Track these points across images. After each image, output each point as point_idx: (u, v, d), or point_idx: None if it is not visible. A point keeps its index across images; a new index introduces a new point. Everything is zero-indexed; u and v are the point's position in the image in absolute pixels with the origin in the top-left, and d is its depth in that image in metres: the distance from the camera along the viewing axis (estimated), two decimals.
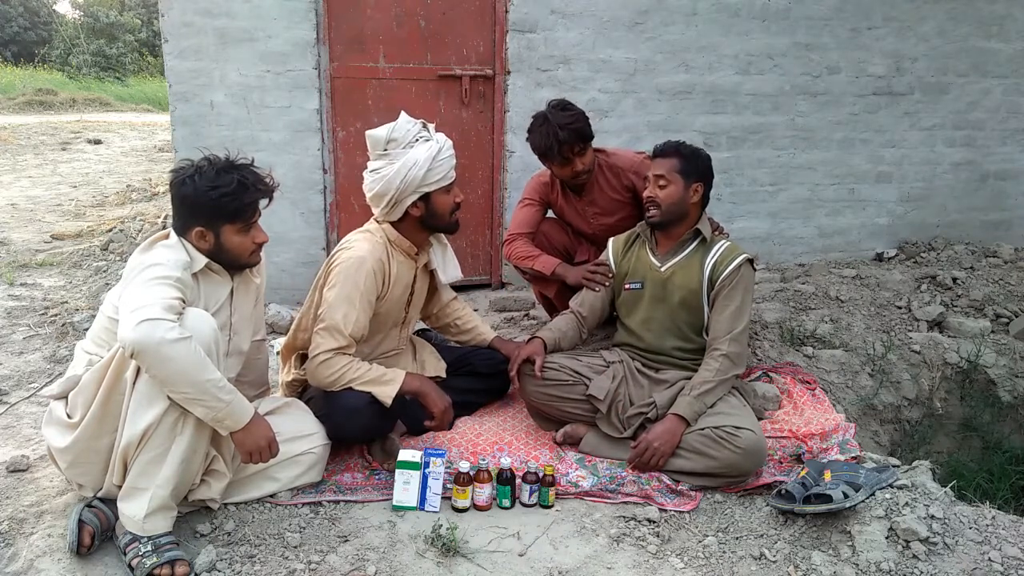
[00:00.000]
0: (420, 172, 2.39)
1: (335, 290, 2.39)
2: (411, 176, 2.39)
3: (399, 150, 2.41)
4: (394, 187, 2.40)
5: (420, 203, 2.46)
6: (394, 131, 2.43)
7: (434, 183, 2.43)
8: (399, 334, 2.70)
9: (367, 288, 2.40)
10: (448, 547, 2.06)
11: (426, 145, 2.42)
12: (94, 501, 2.03)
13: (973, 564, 1.93)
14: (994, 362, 3.77)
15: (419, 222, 2.51)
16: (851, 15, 4.45)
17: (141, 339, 1.79)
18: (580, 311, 2.82)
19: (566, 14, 4.03)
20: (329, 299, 2.40)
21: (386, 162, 2.43)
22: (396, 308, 2.59)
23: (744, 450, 2.32)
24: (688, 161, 2.63)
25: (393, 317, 2.62)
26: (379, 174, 2.43)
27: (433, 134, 2.48)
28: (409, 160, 2.39)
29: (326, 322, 2.38)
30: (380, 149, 2.45)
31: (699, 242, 2.69)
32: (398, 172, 2.39)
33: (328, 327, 2.37)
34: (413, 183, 2.40)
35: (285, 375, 2.67)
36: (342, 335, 2.36)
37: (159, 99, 15.61)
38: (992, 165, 4.97)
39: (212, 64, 3.67)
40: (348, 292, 2.38)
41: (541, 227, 3.20)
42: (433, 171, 2.41)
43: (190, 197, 2.07)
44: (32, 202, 6.68)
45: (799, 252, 4.81)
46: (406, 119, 2.47)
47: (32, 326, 3.73)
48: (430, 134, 2.48)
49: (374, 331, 2.54)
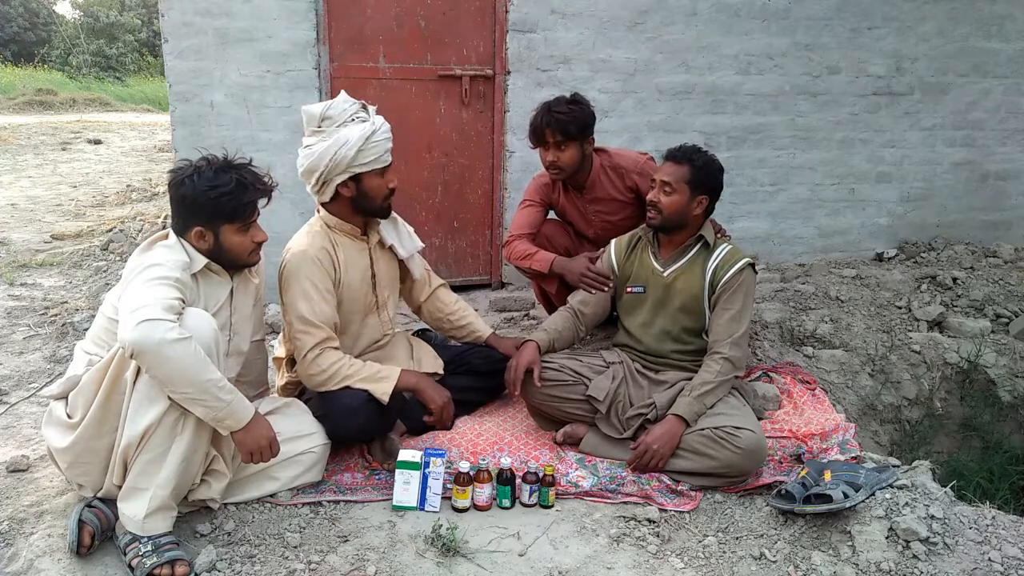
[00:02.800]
0: (351, 152, 2.35)
1: (289, 292, 2.40)
2: (341, 155, 2.35)
3: (333, 128, 2.38)
4: (323, 164, 2.37)
5: (351, 184, 2.42)
6: (330, 108, 2.39)
7: (366, 164, 2.39)
8: (378, 320, 2.67)
9: (317, 277, 2.40)
10: (448, 547, 2.06)
11: (361, 126, 2.38)
12: (94, 501, 2.03)
13: (973, 564, 1.93)
14: (994, 362, 3.77)
15: (351, 203, 2.48)
16: (851, 15, 4.44)
17: (141, 339, 1.79)
18: (578, 308, 2.81)
19: (566, 14, 4.03)
20: (287, 301, 2.41)
21: (319, 139, 2.39)
22: (361, 293, 2.56)
23: (744, 450, 2.32)
24: (698, 173, 2.61)
25: (362, 303, 2.58)
26: (310, 150, 2.40)
27: (372, 116, 2.44)
28: (341, 138, 2.35)
29: (294, 323, 2.39)
30: (314, 125, 2.41)
31: (702, 247, 2.69)
32: (328, 149, 2.35)
33: (299, 326, 2.38)
34: (343, 162, 2.36)
35: (279, 379, 2.69)
36: (315, 326, 2.37)
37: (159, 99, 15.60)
38: (992, 165, 4.97)
39: (212, 64, 3.67)
40: (301, 287, 2.38)
41: (542, 229, 3.20)
42: (365, 152, 2.37)
43: (189, 197, 2.07)
44: (32, 202, 6.68)
45: (799, 252, 4.80)
46: (344, 98, 2.44)
47: (32, 326, 3.73)
48: (368, 115, 2.44)
49: (347, 321, 2.54)
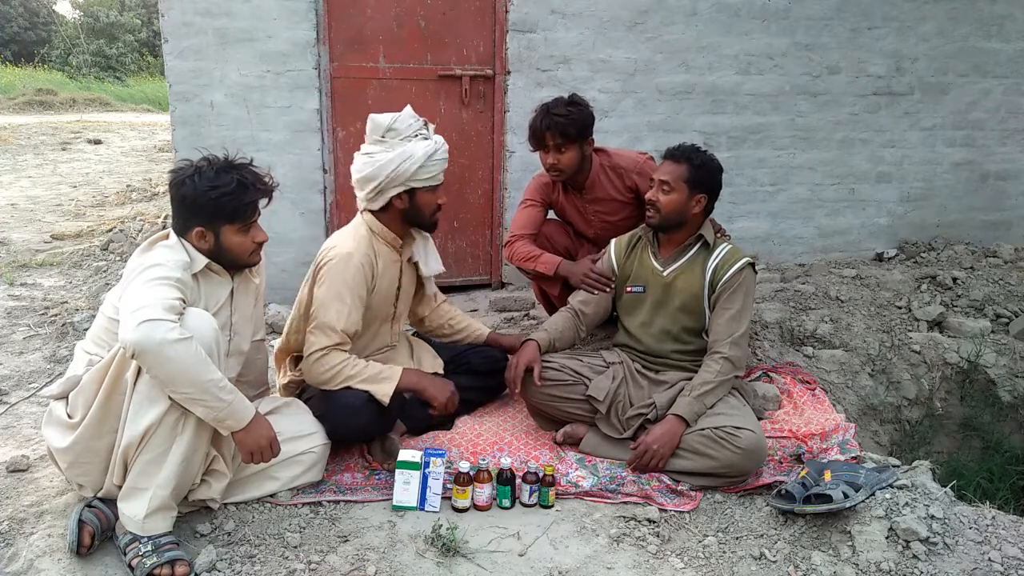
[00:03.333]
0: (413, 167, 2.42)
1: (324, 288, 2.41)
2: (403, 168, 2.41)
3: (397, 140, 2.45)
4: (384, 175, 2.43)
5: (405, 196, 2.48)
6: (397, 121, 2.46)
7: (423, 180, 2.46)
8: (390, 330, 2.71)
9: (356, 284, 2.42)
10: (448, 547, 2.06)
11: (425, 143, 2.46)
12: (94, 501, 2.03)
13: (973, 564, 1.93)
14: (994, 362, 3.77)
15: (401, 215, 2.53)
16: (851, 15, 4.44)
17: (142, 339, 1.79)
18: (579, 309, 2.81)
19: (566, 14, 4.03)
20: (320, 298, 2.41)
21: (382, 148, 2.45)
22: (385, 303, 2.60)
23: (744, 450, 2.32)
24: (697, 171, 2.61)
25: (383, 312, 2.63)
26: (372, 159, 2.45)
27: (432, 134, 2.52)
28: (406, 152, 2.42)
29: (318, 320, 2.40)
30: (378, 135, 2.47)
31: (701, 246, 2.69)
32: (391, 161, 2.41)
33: (320, 325, 2.39)
34: (403, 175, 2.43)
35: (281, 378, 2.68)
36: (335, 332, 2.38)
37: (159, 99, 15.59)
38: (992, 165, 4.97)
39: (212, 64, 3.67)
40: (338, 289, 2.40)
41: (543, 228, 3.20)
42: (425, 168, 2.44)
43: (189, 197, 2.07)
44: (32, 202, 6.68)
45: (799, 252, 4.80)
46: (410, 113, 2.51)
47: (32, 326, 3.73)
48: (429, 133, 2.51)
49: (365, 327, 2.55)
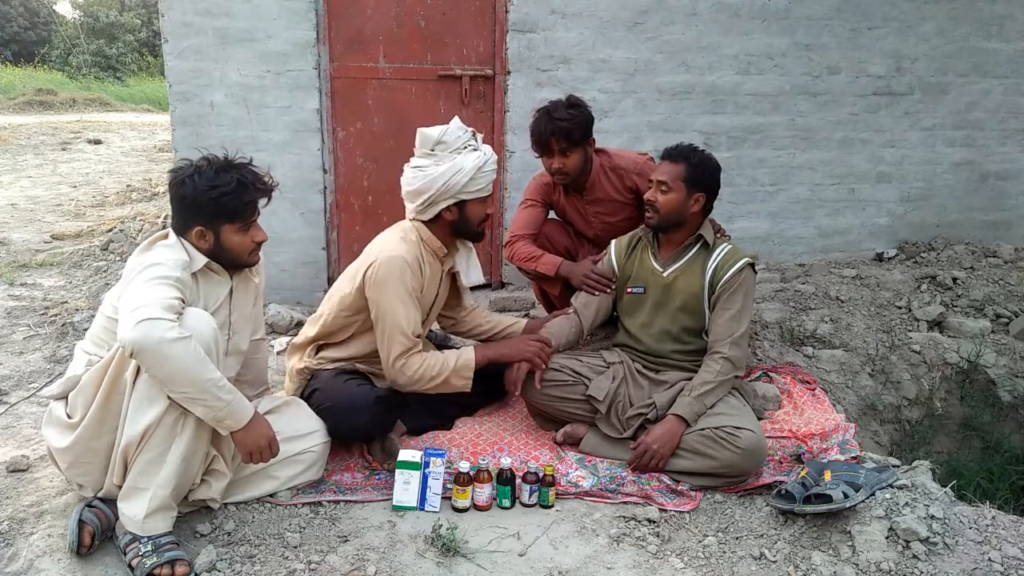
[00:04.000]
0: (463, 179, 2.43)
1: (385, 294, 2.40)
2: (454, 181, 2.43)
3: (446, 153, 2.46)
4: (435, 188, 2.44)
5: (455, 208, 2.50)
6: (446, 134, 2.46)
7: (473, 192, 2.47)
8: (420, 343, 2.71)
9: (413, 283, 2.44)
10: (448, 547, 2.06)
11: (475, 155, 2.46)
12: (94, 501, 2.03)
13: (973, 564, 1.93)
14: (994, 362, 3.77)
15: (450, 226, 2.55)
16: (851, 15, 4.44)
17: (141, 339, 1.79)
18: (579, 310, 2.81)
19: (566, 14, 4.03)
20: (382, 304, 2.41)
21: (432, 162, 2.46)
22: (424, 309, 2.60)
23: (744, 450, 2.32)
24: (694, 170, 2.61)
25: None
26: (423, 172, 2.46)
27: (480, 145, 2.52)
28: (456, 165, 2.43)
29: (388, 329, 2.41)
30: (428, 148, 2.48)
31: (701, 246, 2.69)
32: (442, 174, 2.42)
33: (391, 334, 2.41)
34: (454, 188, 2.44)
35: (297, 363, 2.63)
36: (407, 337, 2.41)
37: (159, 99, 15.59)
38: (992, 165, 4.97)
39: (212, 64, 3.67)
40: (399, 293, 2.40)
41: (543, 228, 3.20)
42: (475, 181, 2.45)
43: (189, 197, 2.07)
44: (32, 202, 6.68)
45: (799, 252, 4.80)
46: (458, 125, 2.51)
47: (32, 326, 3.73)
48: (478, 144, 2.52)
49: None
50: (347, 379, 2.49)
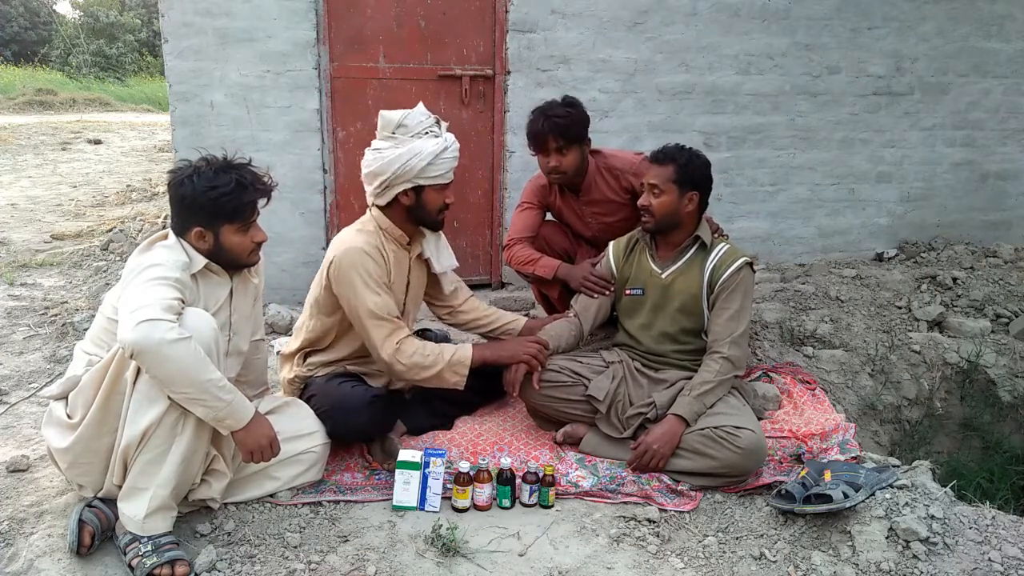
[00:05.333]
0: (421, 164, 2.40)
1: (351, 286, 2.40)
2: (411, 164, 2.40)
3: (406, 137, 2.43)
4: (391, 170, 2.41)
5: (411, 193, 2.47)
6: (408, 117, 2.45)
7: (430, 178, 2.44)
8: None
9: (374, 271, 2.42)
10: (448, 547, 2.06)
11: (434, 140, 2.44)
12: (94, 501, 2.03)
13: (973, 564, 1.93)
14: (994, 362, 3.77)
15: (407, 212, 2.52)
16: (851, 15, 4.44)
17: (141, 340, 1.79)
18: (580, 314, 2.81)
19: (566, 14, 4.03)
20: (351, 298, 2.41)
21: (391, 144, 2.44)
22: (397, 299, 2.58)
23: (744, 450, 2.32)
24: (683, 170, 2.60)
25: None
26: (380, 154, 2.44)
27: (444, 133, 2.50)
28: (414, 148, 2.40)
29: (363, 319, 2.40)
30: (389, 131, 2.46)
31: (699, 247, 2.69)
32: (399, 157, 2.40)
33: (368, 322, 2.39)
34: (411, 172, 2.41)
35: (287, 372, 2.66)
36: (385, 319, 2.39)
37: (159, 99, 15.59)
38: (992, 165, 4.97)
39: (212, 64, 3.67)
40: (364, 282, 2.39)
41: (541, 231, 3.19)
42: (433, 166, 2.42)
43: (188, 197, 2.07)
44: (32, 202, 6.68)
45: (799, 252, 4.80)
46: (422, 110, 2.49)
47: (32, 326, 3.73)
48: (441, 131, 2.50)
49: None
50: (341, 381, 2.49)
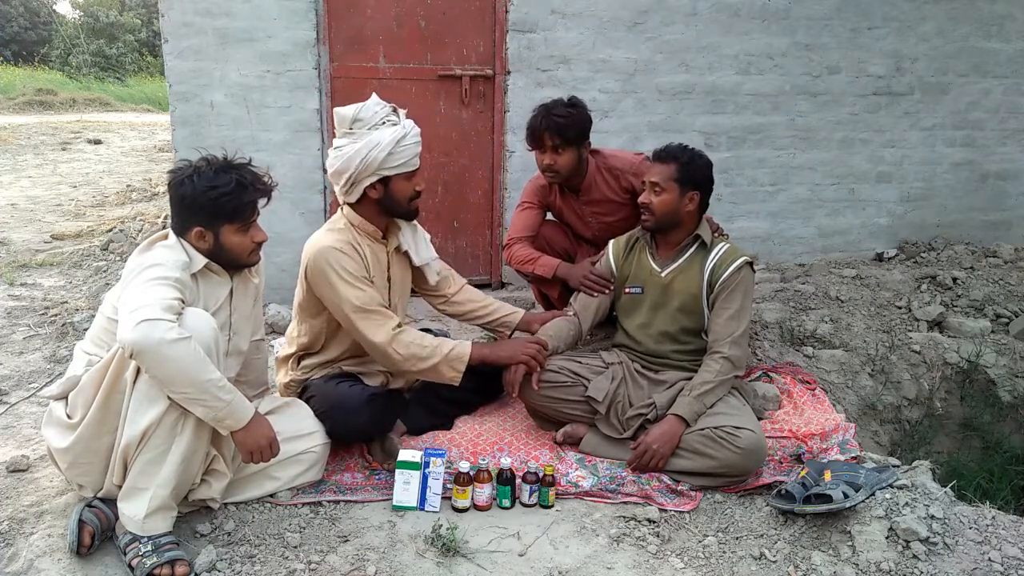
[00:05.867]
0: (381, 155, 2.37)
1: (329, 285, 2.39)
2: (371, 157, 2.36)
3: (364, 130, 2.39)
4: (353, 166, 2.38)
5: (379, 186, 2.44)
6: (361, 111, 2.41)
7: (395, 167, 2.41)
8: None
9: (350, 266, 2.40)
10: (448, 547, 2.06)
11: (392, 129, 2.40)
12: (94, 501, 2.03)
13: (973, 564, 1.93)
14: (994, 362, 3.76)
15: (377, 205, 2.49)
16: (851, 15, 4.44)
17: (140, 339, 1.79)
18: (578, 313, 2.81)
19: (566, 14, 4.03)
20: (331, 296, 2.40)
21: (349, 140, 2.41)
22: (381, 294, 2.56)
23: (744, 450, 2.32)
24: (685, 169, 2.60)
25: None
26: (341, 152, 2.41)
27: (402, 120, 2.46)
28: (372, 141, 2.37)
29: (349, 314, 2.39)
30: (346, 127, 2.43)
31: (699, 246, 2.69)
32: (358, 152, 2.37)
33: (354, 317, 2.38)
34: (372, 165, 2.38)
35: (283, 377, 2.67)
36: (369, 311, 2.38)
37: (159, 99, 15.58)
38: (992, 165, 4.97)
39: (212, 64, 3.67)
40: (342, 278, 2.38)
41: (541, 230, 3.20)
42: (395, 155, 2.39)
43: (189, 197, 2.07)
44: (32, 202, 6.68)
45: (799, 252, 4.80)
46: (375, 101, 2.45)
47: (32, 326, 3.73)
48: (398, 119, 2.45)
49: None
50: (339, 382, 2.48)
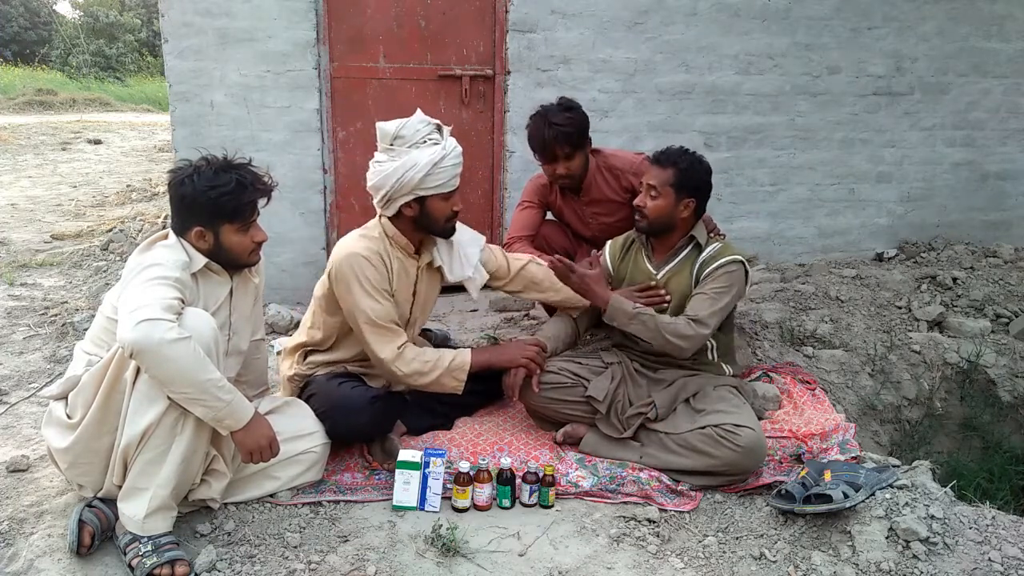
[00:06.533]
0: (418, 175, 2.34)
1: (349, 292, 2.39)
2: (408, 177, 2.35)
3: (404, 148, 2.38)
4: (389, 184, 2.37)
5: (415, 204, 2.42)
6: (404, 128, 2.39)
7: (431, 188, 2.38)
8: (407, 335, 2.69)
9: (373, 277, 2.40)
10: (448, 547, 2.06)
11: (431, 149, 2.37)
12: (94, 501, 2.03)
13: (973, 564, 1.93)
14: (994, 362, 3.76)
15: (413, 222, 2.49)
16: (851, 15, 4.44)
17: (140, 339, 1.79)
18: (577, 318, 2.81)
19: (566, 14, 4.03)
20: (349, 302, 2.40)
21: (388, 157, 2.40)
22: (402, 307, 2.57)
23: (744, 448, 2.32)
24: (683, 175, 2.57)
25: (399, 316, 2.59)
26: (379, 167, 2.41)
27: (445, 139, 2.43)
28: (409, 161, 2.35)
29: (361, 325, 2.39)
30: (386, 143, 2.42)
31: (693, 247, 2.68)
32: (396, 170, 2.36)
33: (365, 329, 2.39)
34: (408, 184, 2.36)
35: (287, 370, 2.64)
36: (380, 326, 2.39)
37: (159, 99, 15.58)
38: (992, 165, 4.97)
39: (212, 64, 3.67)
40: (363, 288, 2.38)
41: (541, 230, 3.20)
42: (432, 176, 2.36)
43: (189, 197, 2.07)
44: (32, 202, 6.68)
45: (799, 252, 4.80)
46: (419, 118, 2.43)
47: (32, 326, 3.73)
48: (441, 138, 2.42)
49: None
50: (341, 381, 2.48)
